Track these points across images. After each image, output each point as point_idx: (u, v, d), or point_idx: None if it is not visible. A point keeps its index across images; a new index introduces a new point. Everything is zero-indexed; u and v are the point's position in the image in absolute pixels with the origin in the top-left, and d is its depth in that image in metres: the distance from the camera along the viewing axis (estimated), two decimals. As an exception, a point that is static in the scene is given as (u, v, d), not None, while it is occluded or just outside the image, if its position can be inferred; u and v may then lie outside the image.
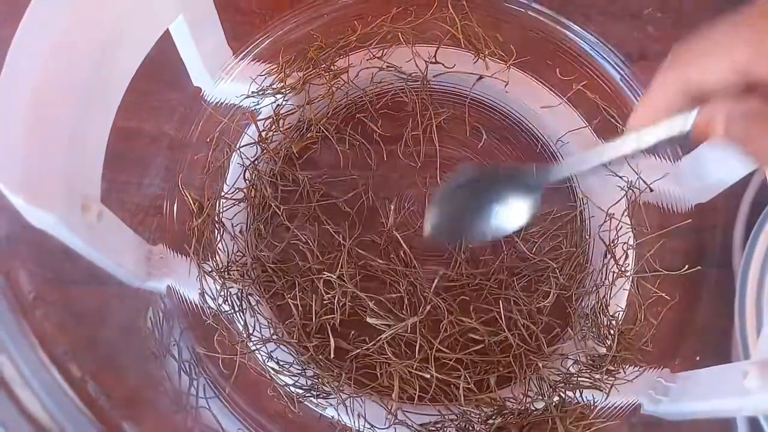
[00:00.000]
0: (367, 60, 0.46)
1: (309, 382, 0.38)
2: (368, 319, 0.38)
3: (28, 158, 0.27)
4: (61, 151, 0.30)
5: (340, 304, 0.38)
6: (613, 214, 0.43)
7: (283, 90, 0.45)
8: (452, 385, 0.37)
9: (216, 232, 0.41)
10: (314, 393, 0.37)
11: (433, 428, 0.37)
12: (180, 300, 0.40)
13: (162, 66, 0.41)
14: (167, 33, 0.39)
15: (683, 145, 0.44)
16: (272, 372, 0.38)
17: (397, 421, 0.37)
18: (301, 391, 0.37)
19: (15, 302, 0.23)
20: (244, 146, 0.43)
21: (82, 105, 0.32)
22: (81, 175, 0.32)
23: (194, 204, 0.41)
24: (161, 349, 0.38)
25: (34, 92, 0.28)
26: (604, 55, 0.47)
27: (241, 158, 0.43)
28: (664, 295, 0.41)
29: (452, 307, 0.39)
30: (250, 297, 0.40)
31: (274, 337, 0.39)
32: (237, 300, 0.39)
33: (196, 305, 0.40)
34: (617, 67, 0.47)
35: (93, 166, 0.33)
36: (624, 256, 0.42)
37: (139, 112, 0.43)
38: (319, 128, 0.44)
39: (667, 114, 0.25)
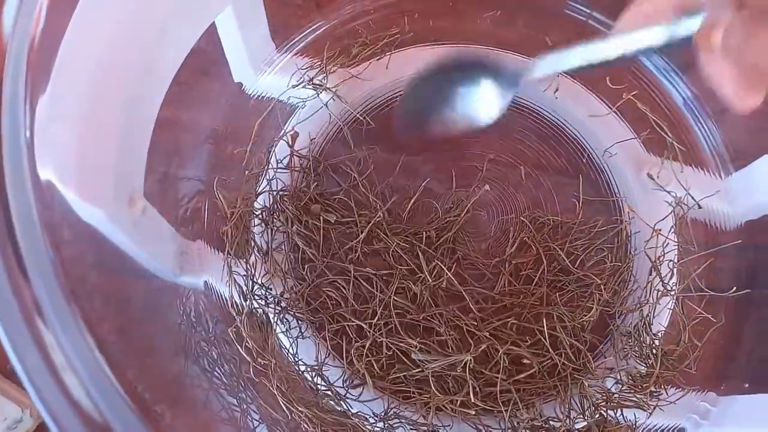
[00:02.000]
0: (410, 59, 0.45)
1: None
2: (413, 356, 0.37)
3: (81, 154, 0.27)
4: (111, 147, 0.29)
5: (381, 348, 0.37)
6: (660, 230, 0.42)
7: (324, 80, 0.44)
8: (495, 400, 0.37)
9: (248, 241, 0.40)
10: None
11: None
12: (216, 297, 0.39)
13: (205, 58, 0.40)
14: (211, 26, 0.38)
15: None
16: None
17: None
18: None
19: (66, 285, 0.22)
20: (282, 158, 0.43)
21: (131, 99, 0.32)
22: (128, 170, 0.31)
23: (228, 209, 0.40)
24: (196, 346, 0.37)
25: (87, 88, 0.28)
26: (658, 66, 0.46)
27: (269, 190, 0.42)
28: (709, 316, 0.40)
29: (507, 332, 0.38)
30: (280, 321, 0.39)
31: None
32: (267, 319, 0.39)
33: (231, 303, 0.39)
34: (670, 78, 0.46)
35: (139, 160, 0.33)
36: (670, 274, 0.41)
37: (181, 103, 0.42)
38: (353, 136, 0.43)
39: (657, 20, 0.24)
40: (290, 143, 0.43)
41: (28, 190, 0.20)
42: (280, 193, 0.41)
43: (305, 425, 0.36)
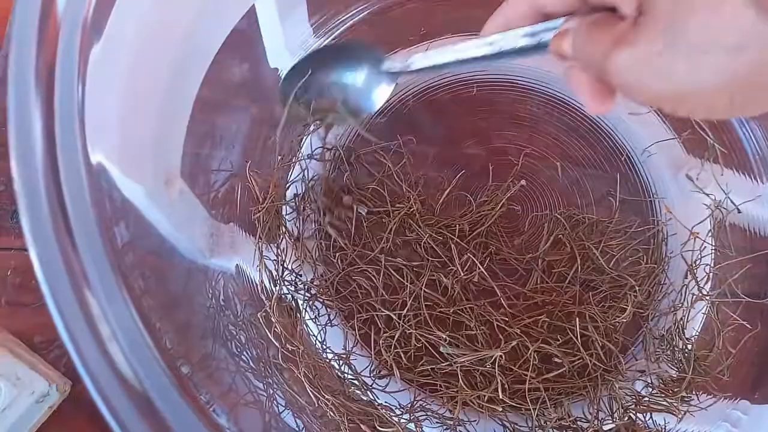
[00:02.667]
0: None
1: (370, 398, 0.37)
2: (442, 349, 0.36)
3: (125, 130, 0.26)
4: (152, 125, 0.29)
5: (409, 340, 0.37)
6: (697, 233, 0.41)
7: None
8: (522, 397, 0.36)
9: (280, 227, 0.40)
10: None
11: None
12: (246, 281, 0.39)
13: (243, 41, 0.40)
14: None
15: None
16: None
17: None
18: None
19: (113, 258, 0.22)
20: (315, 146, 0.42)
21: (172, 78, 0.31)
22: (166, 149, 0.31)
23: (260, 194, 0.40)
24: (224, 329, 0.37)
25: (130, 66, 0.28)
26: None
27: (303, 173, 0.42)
28: (745, 323, 0.39)
29: (538, 330, 0.38)
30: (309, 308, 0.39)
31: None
32: (296, 305, 0.39)
33: (261, 288, 0.39)
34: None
35: (177, 140, 0.33)
36: (705, 279, 0.40)
37: (217, 86, 0.42)
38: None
39: (519, 25, 0.26)
40: (324, 131, 0.43)
41: (79, 166, 0.20)
42: (312, 181, 0.41)
43: (331, 413, 0.36)
